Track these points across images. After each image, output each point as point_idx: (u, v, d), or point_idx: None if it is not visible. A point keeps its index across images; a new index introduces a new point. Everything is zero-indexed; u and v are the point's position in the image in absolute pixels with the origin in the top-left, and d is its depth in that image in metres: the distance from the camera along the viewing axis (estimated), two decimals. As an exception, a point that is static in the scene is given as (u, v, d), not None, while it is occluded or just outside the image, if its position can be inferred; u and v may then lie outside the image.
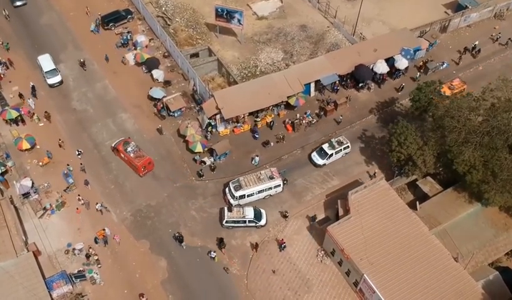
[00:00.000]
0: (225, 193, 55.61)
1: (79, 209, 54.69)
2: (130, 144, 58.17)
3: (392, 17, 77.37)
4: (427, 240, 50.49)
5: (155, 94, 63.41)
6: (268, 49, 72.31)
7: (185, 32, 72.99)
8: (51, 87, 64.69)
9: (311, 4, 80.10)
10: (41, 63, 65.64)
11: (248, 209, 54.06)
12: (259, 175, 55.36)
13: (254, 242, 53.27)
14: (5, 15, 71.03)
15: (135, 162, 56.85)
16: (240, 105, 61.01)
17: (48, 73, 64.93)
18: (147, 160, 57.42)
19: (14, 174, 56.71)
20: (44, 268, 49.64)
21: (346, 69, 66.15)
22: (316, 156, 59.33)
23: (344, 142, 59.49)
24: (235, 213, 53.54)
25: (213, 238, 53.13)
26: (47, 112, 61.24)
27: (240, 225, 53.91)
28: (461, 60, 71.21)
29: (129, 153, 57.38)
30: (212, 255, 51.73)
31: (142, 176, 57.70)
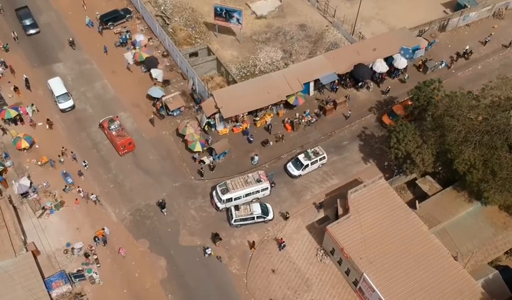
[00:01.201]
0: (212, 196, 55.17)
1: (78, 200, 54.91)
2: (115, 123, 59.93)
3: (391, 16, 77.34)
4: (426, 239, 50.46)
5: (154, 93, 63.30)
6: (267, 48, 72.24)
7: (184, 32, 72.93)
8: (63, 112, 62.36)
9: (310, 3, 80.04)
10: (52, 87, 62.97)
11: (255, 205, 54.35)
12: (246, 178, 54.95)
13: (254, 241, 53.26)
14: (15, 37, 69.04)
15: (115, 141, 58.68)
16: (239, 105, 60.93)
17: (60, 97, 62.30)
18: (128, 140, 59.03)
19: (12, 173, 56.62)
20: (43, 268, 49.59)
21: (345, 68, 66.09)
22: (292, 167, 58.31)
23: (320, 153, 58.46)
24: (242, 211, 53.67)
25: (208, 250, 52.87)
26: (49, 120, 60.74)
27: (248, 223, 53.96)
28: (452, 64, 70.89)
29: (112, 131, 59.23)
30: (208, 252, 51.76)
31: (121, 155, 59.27)
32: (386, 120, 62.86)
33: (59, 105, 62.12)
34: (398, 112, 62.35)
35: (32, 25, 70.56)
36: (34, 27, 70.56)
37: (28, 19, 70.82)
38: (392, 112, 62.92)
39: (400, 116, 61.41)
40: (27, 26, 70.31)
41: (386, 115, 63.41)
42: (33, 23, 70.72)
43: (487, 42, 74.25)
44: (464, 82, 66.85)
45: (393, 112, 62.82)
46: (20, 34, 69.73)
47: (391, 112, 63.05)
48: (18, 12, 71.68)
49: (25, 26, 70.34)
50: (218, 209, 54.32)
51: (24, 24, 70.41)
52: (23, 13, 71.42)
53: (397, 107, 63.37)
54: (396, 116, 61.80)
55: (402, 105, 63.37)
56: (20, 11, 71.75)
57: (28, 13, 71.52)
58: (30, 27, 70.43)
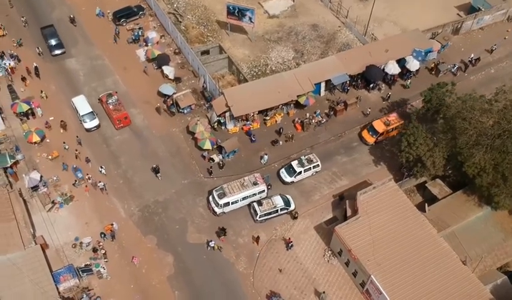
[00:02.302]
0: (209, 201, 54.70)
1: (88, 187, 55.45)
2: (113, 97, 61.87)
3: (404, 18, 76.91)
4: (435, 242, 50.14)
5: (165, 90, 63.41)
6: (279, 47, 72.13)
7: (196, 29, 73.01)
8: (88, 131, 60.69)
9: (323, 3, 79.84)
10: (76, 105, 61.16)
11: (276, 198, 54.57)
12: (243, 181, 54.54)
13: (262, 240, 53.31)
14: (39, 52, 67.19)
15: (112, 114, 60.70)
16: (249, 104, 60.90)
17: (85, 116, 60.46)
18: (123, 114, 60.94)
19: (23, 166, 56.99)
20: (51, 261, 49.83)
21: (357, 69, 65.85)
22: (285, 173, 57.61)
23: (314, 160, 57.73)
24: (265, 206, 53.86)
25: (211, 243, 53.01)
26: (63, 121, 60.62)
27: (272, 216, 54.22)
28: (458, 72, 70.03)
29: (109, 104, 61.28)
30: (211, 244, 51.88)
31: (117, 129, 61.07)
32: (366, 136, 61.58)
33: (84, 125, 60.27)
34: (379, 128, 60.80)
35: (58, 46, 68.03)
36: (59, 48, 68.02)
37: (54, 38, 68.31)
38: (372, 128, 61.48)
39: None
40: (52, 46, 67.80)
41: (366, 131, 61.84)
42: (59, 43, 68.15)
43: (494, 50, 73.23)
44: (476, 86, 66.22)
45: (372, 128, 61.38)
46: (44, 50, 67.85)
47: (371, 128, 61.60)
48: (43, 31, 69.05)
49: (51, 46, 67.84)
50: (216, 214, 53.99)
51: (49, 44, 67.95)
52: (48, 32, 68.81)
53: (377, 123, 61.29)
54: (376, 132, 60.73)
55: (382, 121, 61.43)
56: (46, 30, 69.16)
57: (54, 32, 68.92)
58: (56, 47, 67.88)
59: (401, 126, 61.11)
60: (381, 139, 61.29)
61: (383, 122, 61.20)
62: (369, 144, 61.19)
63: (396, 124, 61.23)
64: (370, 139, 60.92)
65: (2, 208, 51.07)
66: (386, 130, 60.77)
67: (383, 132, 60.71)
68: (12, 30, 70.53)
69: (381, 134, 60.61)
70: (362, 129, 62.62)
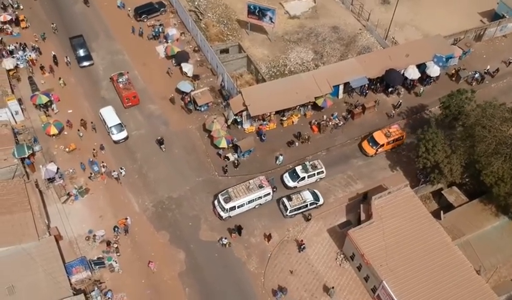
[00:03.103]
0: (214, 205, 54.19)
1: (104, 176, 56.04)
2: (123, 77, 63.74)
3: (426, 22, 76.20)
4: (449, 250, 49.50)
5: (183, 87, 63.62)
6: (299, 48, 71.95)
7: (216, 28, 73.16)
8: (116, 143, 59.65)
9: (345, 5, 79.48)
10: (104, 116, 60.26)
11: (305, 193, 54.79)
12: (248, 185, 54.04)
13: (274, 241, 53.17)
14: (67, 62, 66.56)
15: (121, 93, 62.52)
16: (266, 103, 60.79)
17: (113, 128, 59.38)
18: (132, 93, 62.62)
19: (40, 158, 57.60)
20: (64, 253, 50.22)
21: (376, 73, 65.37)
22: (288, 178, 57.12)
23: (318, 166, 56.95)
24: (295, 201, 54.01)
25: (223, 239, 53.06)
26: (83, 120, 60.80)
27: (302, 211, 54.50)
28: (474, 82, 68.73)
29: (119, 83, 63.10)
30: (224, 241, 51.95)
31: (125, 107, 62.44)
32: (366, 147, 60.44)
33: (112, 137, 59.26)
34: (379, 140, 59.67)
35: (86, 58, 67.27)
36: (88, 59, 67.23)
37: (82, 49, 67.60)
38: (372, 139, 60.37)
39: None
40: (80, 57, 67.08)
41: (366, 142, 60.67)
42: (87, 55, 67.42)
43: (511, 63, 72.00)
44: (497, 94, 65.14)
45: (373, 139, 60.30)
46: (72, 59, 67.39)
47: (371, 139, 60.47)
48: (72, 41, 68.45)
49: (79, 57, 67.12)
50: (222, 218, 53.66)
51: (77, 54, 67.19)
52: (77, 43, 68.21)
53: (378, 134, 60.08)
54: (376, 144, 59.81)
55: (383, 132, 60.22)
56: (75, 40, 68.59)
57: (82, 43, 68.29)
58: (84, 58, 67.13)
59: (402, 138, 60.45)
60: (381, 150, 60.23)
61: (384, 134, 60.00)
62: (368, 156, 60.25)
63: (397, 135, 60.14)
64: (370, 150, 59.94)
65: (19, 198, 51.58)
66: (387, 142, 59.75)
67: (384, 144, 59.73)
68: (34, 22, 71.45)
69: (381, 146, 59.67)
70: (362, 140, 61.58)
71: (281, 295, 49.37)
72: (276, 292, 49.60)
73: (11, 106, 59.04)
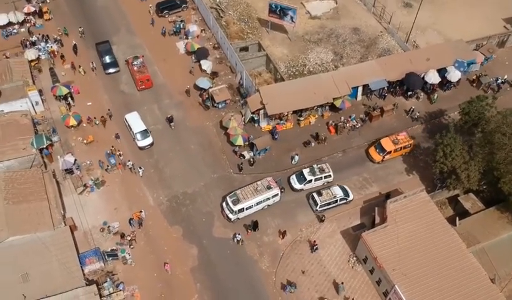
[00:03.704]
0: (223, 208, 53.97)
1: (120, 165, 56.77)
2: (138, 60, 65.40)
3: (448, 27, 75.39)
4: (464, 257, 48.94)
5: (202, 83, 63.80)
6: (318, 49, 71.73)
7: (236, 26, 73.26)
8: (141, 149, 59.10)
9: (366, 7, 79.04)
10: (130, 122, 59.50)
11: (335, 189, 55.05)
12: (256, 186, 53.73)
13: (286, 240, 53.08)
14: (92, 67, 65.98)
15: (135, 75, 64.13)
16: (284, 103, 60.67)
17: (139, 134, 58.73)
18: (146, 76, 64.05)
19: (58, 149, 58.26)
20: (78, 243, 50.74)
21: (396, 76, 64.88)
22: (295, 180, 56.72)
23: (326, 170, 56.47)
24: (325, 196, 54.24)
25: (244, 232, 53.19)
26: (103, 117, 60.95)
27: (331, 206, 54.73)
28: (489, 90, 67.43)
29: (134, 66, 64.76)
30: (238, 238, 52.12)
31: (139, 90, 64.03)
32: (372, 153, 59.69)
33: (138, 143, 58.64)
34: (386, 147, 58.78)
35: (112, 64, 66.39)
36: (114, 66, 66.32)
37: (108, 55, 66.80)
38: (379, 146, 59.49)
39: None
40: (106, 64, 66.29)
41: (373, 148, 60.01)
42: (113, 61, 66.54)
43: None
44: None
45: (380, 146, 59.44)
46: (98, 65, 66.78)
47: (379, 145, 59.60)
48: (98, 47, 67.85)
49: (105, 64, 66.37)
50: (230, 220, 53.57)
51: (103, 61, 66.48)
52: (103, 49, 67.42)
53: (385, 141, 59.20)
54: (383, 150, 59.03)
55: (391, 139, 59.27)
56: (101, 46, 67.95)
57: (108, 49, 67.50)
58: (110, 65, 66.24)
59: (410, 145, 59.77)
60: (388, 157, 59.45)
61: (392, 141, 59.17)
62: (375, 162, 59.61)
63: (405, 143, 59.34)
64: (377, 157, 59.23)
65: (36, 187, 52.23)
66: (395, 149, 59.00)
67: (391, 151, 58.97)
68: (57, 14, 72.36)
69: (388, 153, 58.96)
70: (369, 146, 60.90)
71: (290, 289, 49.43)
72: (285, 287, 49.66)
73: (32, 96, 59.80)
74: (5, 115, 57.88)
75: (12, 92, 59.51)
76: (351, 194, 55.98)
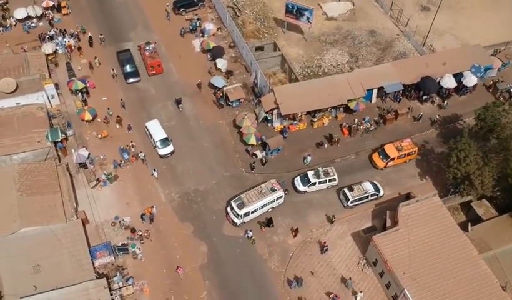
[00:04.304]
0: (227, 213, 53.52)
1: (134, 158, 57.33)
2: (150, 45, 67.01)
3: (465, 32, 74.78)
4: (475, 264, 48.52)
5: (216, 82, 63.95)
6: (334, 50, 71.58)
7: (252, 25, 73.38)
8: (162, 157, 58.53)
9: (384, 10, 78.68)
10: (150, 130, 58.85)
11: (366, 184, 55.54)
12: (260, 189, 53.48)
13: (297, 241, 53.05)
14: (113, 74, 65.24)
15: (147, 60, 65.74)
16: (298, 103, 60.60)
17: (160, 142, 58.13)
18: (157, 62, 65.76)
19: (72, 142, 58.76)
20: (90, 236, 51.12)
21: (411, 79, 64.49)
22: (299, 181, 56.40)
23: (331, 174, 56.11)
24: (356, 191, 54.76)
25: (255, 230, 53.16)
26: (119, 116, 60.92)
27: (362, 202, 55.15)
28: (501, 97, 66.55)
29: (146, 51, 66.37)
30: (249, 234, 52.15)
31: (149, 75, 65.55)
32: (376, 160, 58.95)
33: (158, 151, 58.02)
34: (390, 153, 58.17)
35: (134, 74, 65.37)
36: (135, 76, 65.33)
37: (129, 65, 65.77)
38: (383, 152, 58.76)
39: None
40: (127, 73, 65.32)
41: (376, 154, 59.37)
42: (134, 71, 65.52)
43: None
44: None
45: (384, 152, 58.71)
46: (118, 72, 66.02)
47: (382, 152, 58.88)
48: (119, 56, 66.99)
49: (126, 73, 65.42)
50: (236, 225, 53.16)
51: (124, 70, 65.51)
52: (124, 58, 66.44)
53: (389, 147, 58.55)
54: (387, 157, 58.39)
55: (395, 145, 58.59)
56: (122, 55, 67.07)
57: (129, 58, 66.51)
58: (131, 75, 65.23)
59: (414, 153, 59.11)
60: (392, 164, 58.77)
61: (396, 147, 58.59)
62: (378, 168, 59.02)
63: (409, 150, 58.68)
64: (380, 163, 58.66)
65: (49, 180, 52.72)
66: (398, 156, 58.35)
67: (394, 158, 58.31)
68: (75, 9, 73.04)
69: (392, 159, 58.36)
70: (373, 152, 60.31)
71: (296, 285, 49.52)
72: (291, 282, 49.75)
73: (48, 90, 60.37)
74: (22, 107, 58.48)
75: (28, 85, 60.14)
76: (382, 190, 56.17)
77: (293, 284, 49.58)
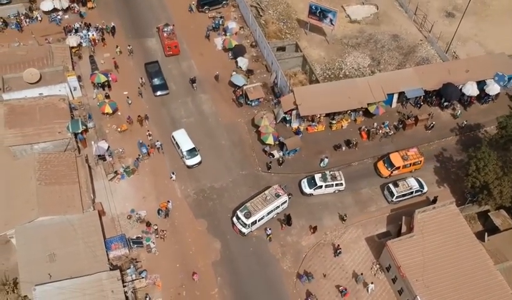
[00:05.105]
0: (234, 223, 52.86)
1: (152, 149, 58.01)
2: (168, 27, 69.10)
3: (490, 39, 73.88)
4: (490, 274, 47.93)
5: (237, 80, 64.15)
6: (356, 53, 71.30)
7: (275, 25, 73.49)
8: (189, 168, 57.92)
9: (408, 14, 78.10)
10: (178, 140, 58.17)
11: (411, 180, 56.15)
12: (265, 196, 53.07)
13: (310, 243, 53.03)
14: (141, 83, 64.36)
15: (164, 41, 67.98)
16: (317, 105, 60.48)
17: (187, 153, 57.45)
18: (174, 43, 67.99)
19: (92, 134, 59.50)
20: (105, 228, 51.71)
21: (433, 85, 63.89)
22: (305, 183, 56.15)
23: (338, 178, 55.77)
24: (401, 187, 55.47)
25: (268, 230, 53.19)
26: (140, 116, 60.99)
27: (407, 198, 55.81)
28: None
29: (164, 33, 68.56)
30: (268, 232, 52.30)
31: (166, 55, 67.94)
32: (381, 168, 58.19)
33: (186, 162, 57.38)
34: (395, 162, 57.40)
35: (162, 87, 64.07)
36: (163, 89, 64.04)
37: (158, 77, 64.39)
38: (388, 160, 58.00)
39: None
40: (156, 86, 63.97)
41: (381, 162, 58.62)
42: (163, 83, 64.23)
43: None
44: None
45: (389, 160, 57.92)
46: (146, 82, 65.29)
47: (387, 160, 58.12)
48: (147, 67, 65.90)
49: (154, 86, 64.09)
50: (244, 235, 52.53)
51: (153, 83, 64.21)
52: (153, 70, 65.18)
53: (395, 156, 57.84)
54: (391, 165, 57.65)
55: (400, 154, 57.82)
56: (150, 66, 65.87)
57: (158, 71, 65.19)
58: (159, 88, 63.92)
59: (420, 162, 58.24)
60: (396, 173, 57.96)
61: (401, 156, 57.81)
62: (382, 177, 58.25)
63: (414, 159, 57.79)
64: (385, 172, 57.92)
65: (68, 171, 53.47)
66: (403, 165, 57.57)
67: (399, 167, 57.54)
68: (101, 3, 73.88)
69: (396, 168, 57.62)
70: (379, 160, 59.51)
71: (306, 279, 49.64)
72: (301, 276, 49.89)
73: (71, 82, 61.21)
74: (44, 98, 59.35)
75: (52, 77, 61.08)
76: (426, 186, 56.56)
77: (303, 278, 49.77)
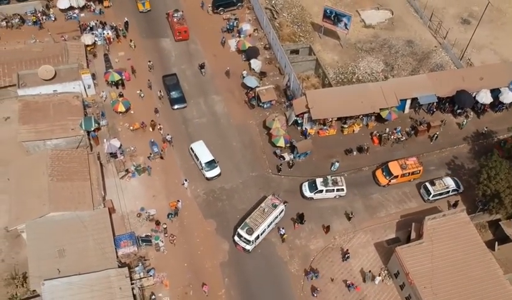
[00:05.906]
0: (236, 242, 51.85)
1: (165, 144, 58.49)
2: (178, 13, 70.97)
3: (506, 47, 73.30)
4: (500, 283, 47.54)
5: (249, 82, 64.27)
6: (370, 58, 71.17)
7: (289, 28, 73.56)
8: (208, 180, 57.16)
9: (423, 20, 77.78)
10: (196, 152, 57.47)
11: (447, 179, 56.70)
12: (262, 209, 52.33)
13: (318, 247, 52.96)
14: (160, 96, 63.72)
15: (174, 26, 69.71)
16: (330, 108, 60.43)
17: (206, 165, 56.72)
18: (184, 28, 69.68)
19: (105, 132, 59.92)
20: (115, 225, 51.99)
21: (446, 92, 63.51)
22: (306, 187, 55.92)
23: (340, 183, 55.38)
24: (438, 186, 55.90)
25: (281, 230, 53.19)
26: (153, 121, 60.94)
27: (443, 197, 56.25)
28: None
29: (174, 18, 70.32)
30: (281, 232, 52.41)
31: (176, 40, 69.83)
32: (379, 176, 57.66)
33: (205, 173, 56.63)
34: (394, 171, 56.77)
35: (180, 100, 63.24)
36: (181, 102, 63.19)
37: (176, 91, 63.59)
38: (386, 169, 57.38)
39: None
40: (174, 99, 63.15)
41: (380, 171, 58.03)
42: (181, 97, 63.39)
43: None
44: None
45: (387, 169, 57.28)
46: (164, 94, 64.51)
47: (386, 169, 57.51)
48: (165, 80, 65.14)
49: (172, 99, 63.26)
50: (249, 252, 51.54)
51: (171, 96, 63.35)
52: (171, 83, 64.39)
53: (393, 165, 57.17)
54: (390, 174, 57.00)
55: (399, 163, 57.12)
56: (168, 79, 65.13)
57: (176, 84, 64.40)
58: (177, 101, 63.08)
59: (419, 172, 57.62)
60: (395, 182, 57.43)
61: (400, 165, 57.20)
62: (380, 185, 57.76)
63: (413, 169, 57.19)
64: (383, 180, 57.37)
65: (80, 167, 53.88)
66: (402, 174, 57.01)
67: (398, 176, 56.94)
68: (117, 1, 74.38)
69: (395, 177, 57.03)
70: (377, 168, 59.01)
71: (312, 275, 49.88)
72: (308, 273, 50.03)
73: (85, 79, 61.74)
74: (58, 95, 59.92)
75: (66, 74, 61.67)
76: (462, 186, 56.89)
77: (310, 274, 50.00)
